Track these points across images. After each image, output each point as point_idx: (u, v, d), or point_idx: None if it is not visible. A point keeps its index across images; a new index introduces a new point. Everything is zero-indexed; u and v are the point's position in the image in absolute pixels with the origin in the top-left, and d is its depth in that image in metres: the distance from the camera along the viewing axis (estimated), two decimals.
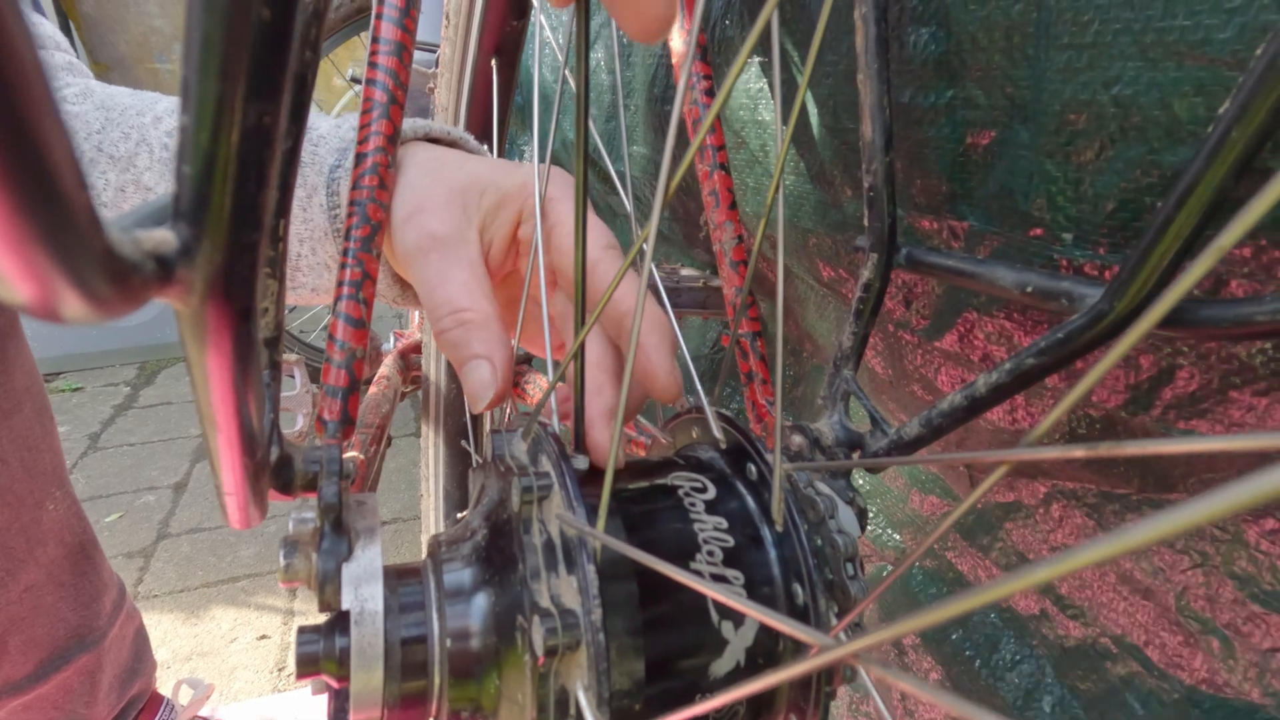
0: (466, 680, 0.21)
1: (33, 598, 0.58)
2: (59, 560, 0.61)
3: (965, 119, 0.32)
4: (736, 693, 0.12)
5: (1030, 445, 0.13)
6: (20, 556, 0.57)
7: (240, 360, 0.13)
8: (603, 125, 0.70)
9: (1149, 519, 0.07)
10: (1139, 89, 0.23)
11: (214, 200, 0.10)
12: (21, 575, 0.57)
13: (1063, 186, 0.27)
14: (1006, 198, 0.30)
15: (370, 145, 0.29)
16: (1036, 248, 0.30)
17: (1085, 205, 0.26)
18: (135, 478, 1.50)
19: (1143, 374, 0.29)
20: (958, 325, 0.37)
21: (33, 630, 0.58)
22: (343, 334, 0.27)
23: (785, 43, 0.40)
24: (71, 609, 0.62)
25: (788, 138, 0.20)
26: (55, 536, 0.60)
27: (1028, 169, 0.29)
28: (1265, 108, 0.17)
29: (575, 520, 0.19)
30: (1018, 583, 0.08)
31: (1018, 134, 0.29)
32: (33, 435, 0.57)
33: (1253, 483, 0.06)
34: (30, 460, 0.57)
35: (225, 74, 0.09)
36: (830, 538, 0.25)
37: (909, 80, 0.33)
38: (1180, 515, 0.06)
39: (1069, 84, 0.25)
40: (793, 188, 0.45)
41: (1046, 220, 0.29)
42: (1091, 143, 0.26)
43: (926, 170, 0.34)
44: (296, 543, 0.22)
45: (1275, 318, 0.18)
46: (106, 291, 0.09)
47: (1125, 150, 0.25)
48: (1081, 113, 0.26)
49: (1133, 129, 0.24)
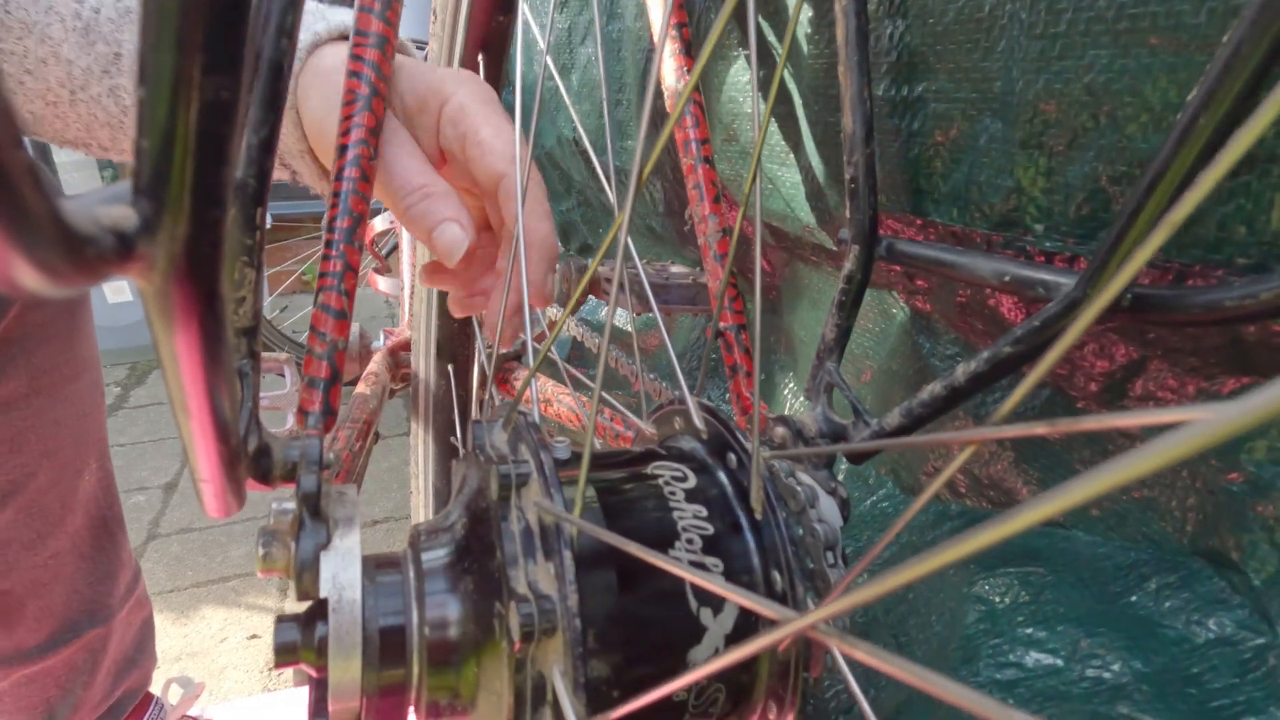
0: (445, 669, 0.21)
1: (56, 564, 0.59)
2: (83, 531, 0.62)
3: (936, 112, 0.32)
4: (703, 670, 0.12)
5: (994, 425, 0.14)
6: (54, 520, 0.58)
7: (209, 342, 0.13)
8: (597, 120, 0.70)
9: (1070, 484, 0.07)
10: (1111, 76, 0.24)
11: (173, 176, 0.10)
12: (51, 541, 0.58)
13: (1034, 178, 0.27)
14: (976, 190, 0.31)
15: (352, 137, 0.29)
16: (1008, 239, 0.30)
17: (1057, 196, 0.26)
18: (126, 478, 1.50)
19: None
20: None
21: (50, 599, 0.59)
22: (324, 326, 0.27)
23: (764, 26, 0.40)
24: (87, 583, 0.63)
25: (765, 125, 0.20)
26: (84, 507, 0.61)
27: (998, 161, 0.29)
28: (1232, 93, 0.17)
29: (552, 507, 0.19)
30: (971, 543, 0.09)
31: (988, 126, 0.29)
32: (86, 404, 0.59)
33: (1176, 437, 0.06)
34: (80, 429, 0.59)
35: (181, 46, 0.09)
36: (811, 526, 0.25)
37: (883, 74, 0.34)
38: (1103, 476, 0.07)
39: (1042, 74, 0.25)
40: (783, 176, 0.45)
41: (1019, 212, 0.29)
42: (1064, 132, 0.26)
43: (897, 164, 0.34)
44: (275, 532, 0.22)
45: (1242, 303, 0.18)
46: (61, 263, 0.09)
47: (1098, 139, 0.25)
48: (1053, 102, 0.26)
49: (1105, 117, 0.24)
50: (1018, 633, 0.32)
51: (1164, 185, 0.18)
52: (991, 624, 0.33)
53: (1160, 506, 0.30)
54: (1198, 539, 0.29)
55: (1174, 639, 0.29)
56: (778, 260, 0.62)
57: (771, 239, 0.57)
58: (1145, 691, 0.27)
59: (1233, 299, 0.19)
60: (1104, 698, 0.28)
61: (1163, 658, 0.28)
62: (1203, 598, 0.28)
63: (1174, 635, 0.29)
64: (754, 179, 0.21)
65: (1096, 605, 0.31)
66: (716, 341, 0.33)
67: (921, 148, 0.33)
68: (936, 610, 0.37)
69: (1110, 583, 0.32)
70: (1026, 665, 0.31)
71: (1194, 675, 0.27)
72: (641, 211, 0.71)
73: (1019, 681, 0.31)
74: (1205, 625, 0.28)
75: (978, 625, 0.34)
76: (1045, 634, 0.31)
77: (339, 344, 0.27)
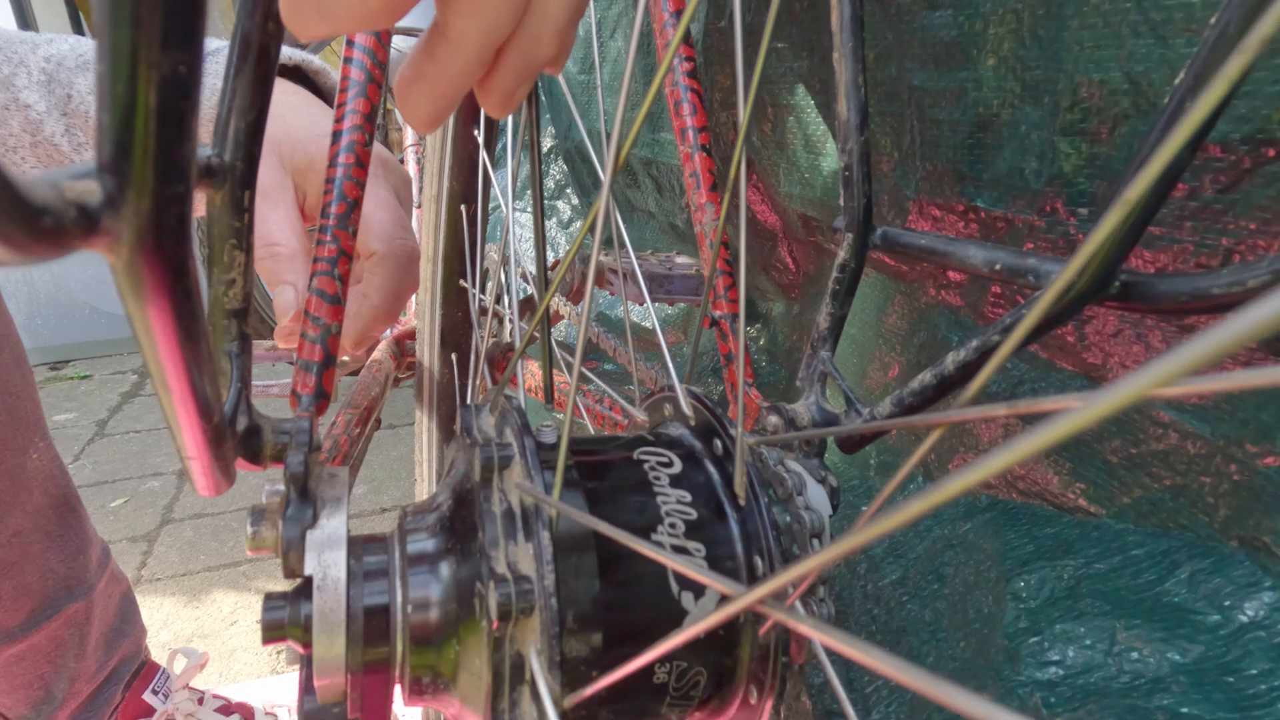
0: (427, 647, 0.21)
1: (21, 544, 0.60)
2: (45, 510, 0.62)
3: (978, 100, 0.32)
4: (667, 644, 0.13)
5: (960, 408, 0.13)
6: (7, 501, 0.58)
7: (181, 317, 0.13)
8: (629, 113, 0.70)
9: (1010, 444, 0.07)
10: (1151, 65, 0.23)
11: (135, 150, 0.10)
12: (9, 520, 0.59)
13: (1077, 164, 0.27)
14: (1018, 176, 0.30)
15: (347, 124, 0.29)
16: (1050, 224, 0.30)
17: (1101, 182, 0.26)
18: (141, 464, 1.52)
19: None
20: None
21: (23, 577, 0.60)
22: (317, 309, 0.27)
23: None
24: (59, 560, 0.64)
25: (749, 105, 0.20)
26: (40, 486, 0.62)
27: (1040, 148, 0.29)
28: (1220, 78, 0.17)
29: (533, 489, 0.20)
30: (919, 505, 0.09)
31: (1030, 114, 0.29)
32: (13, 381, 0.59)
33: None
34: (12, 405, 0.58)
35: (138, 21, 0.09)
36: (797, 514, 0.25)
37: (922, 62, 0.33)
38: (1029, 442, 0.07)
39: (1081, 62, 0.25)
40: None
41: (1062, 198, 0.29)
42: (1105, 120, 0.26)
43: (939, 152, 0.34)
44: (264, 511, 0.22)
45: (1229, 290, 0.18)
46: (17, 234, 0.09)
47: (1139, 125, 0.25)
48: (1095, 91, 0.26)
49: (1146, 104, 0.24)
50: (1056, 629, 0.32)
51: (1149, 169, 0.18)
52: (1030, 622, 0.33)
53: (1191, 493, 0.30)
54: (1230, 524, 0.28)
55: (1209, 626, 0.28)
56: (804, 255, 0.61)
57: (803, 230, 0.56)
58: (1183, 683, 0.27)
59: (1220, 286, 0.19)
60: (1142, 691, 0.28)
61: (1199, 646, 0.28)
62: (1236, 583, 0.28)
63: (1209, 623, 0.28)
64: (737, 164, 0.21)
65: (1131, 595, 0.31)
66: (698, 329, 0.33)
67: (964, 136, 0.32)
68: (974, 607, 0.37)
69: (1143, 571, 0.31)
70: (1066, 663, 0.31)
71: (1230, 663, 0.27)
72: (668, 208, 0.71)
73: (1060, 681, 0.31)
74: (1240, 610, 0.28)
75: (1016, 624, 0.33)
76: (1083, 629, 0.31)
77: (332, 328, 0.28)
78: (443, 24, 0.19)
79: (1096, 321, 0.33)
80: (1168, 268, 0.28)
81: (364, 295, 0.39)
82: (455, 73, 0.20)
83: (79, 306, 2.11)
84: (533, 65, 0.21)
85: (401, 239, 0.39)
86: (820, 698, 0.47)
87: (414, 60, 0.20)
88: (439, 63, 0.20)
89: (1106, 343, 0.33)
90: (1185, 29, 0.23)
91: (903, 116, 0.38)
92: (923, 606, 0.43)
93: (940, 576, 0.43)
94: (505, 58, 0.20)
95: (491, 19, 0.19)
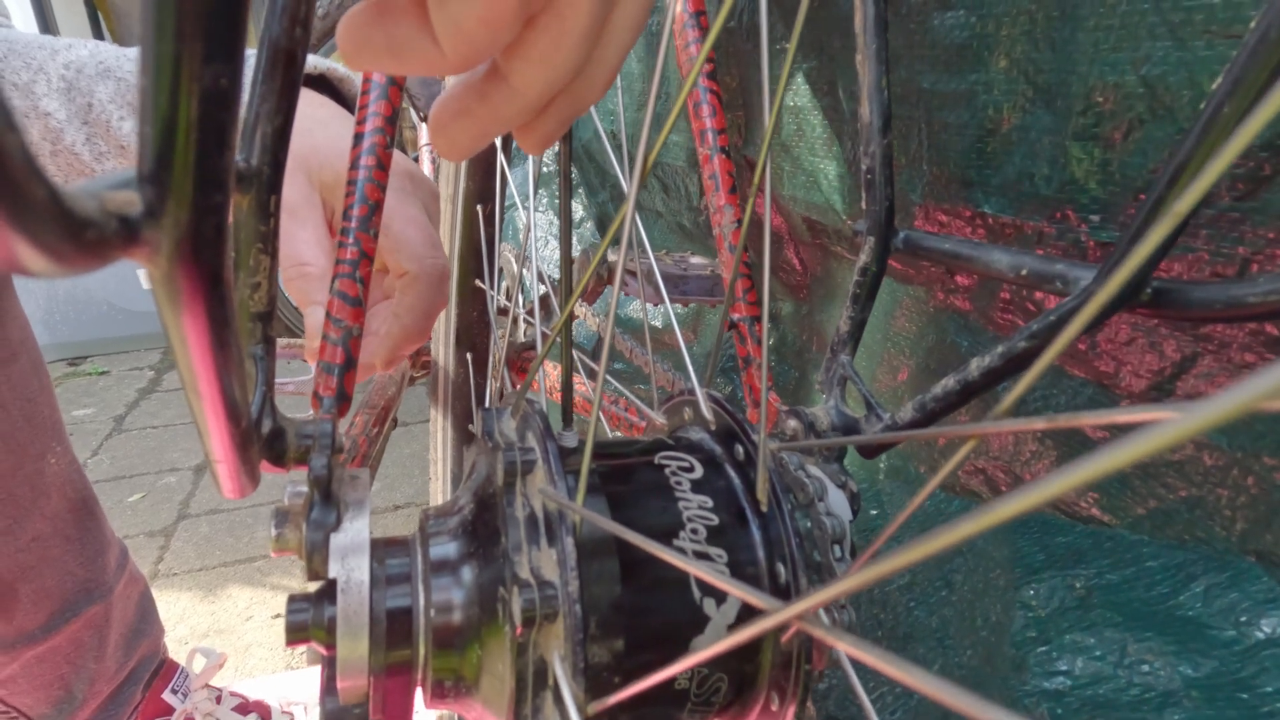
0: (450, 651, 0.21)
1: (40, 548, 0.60)
2: (63, 514, 0.63)
3: (989, 104, 0.31)
4: (695, 658, 0.13)
5: (995, 419, 0.13)
6: (26, 505, 0.59)
7: (216, 325, 0.13)
8: (634, 114, 0.70)
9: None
10: (1168, 68, 0.23)
11: (175, 162, 0.10)
12: (28, 524, 0.59)
13: (1089, 169, 0.27)
14: (1028, 182, 0.30)
15: (368, 126, 0.29)
16: (1061, 231, 0.29)
17: (1114, 188, 0.26)
18: (158, 459, 1.54)
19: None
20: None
21: (42, 581, 0.61)
22: (339, 311, 0.28)
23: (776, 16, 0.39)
24: (78, 563, 0.64)
25: (775, 114, 0.20)
26: (59, 490, 0.62)
27: (1051, 153, 0.28)
28: (1259, 82, 0.17)
29: (556, 494, 0.20)
30: (959, 532, 0.09)
31: (1041, 118, 0.29)
32: (30, 386, 0.59)
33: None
34: (30, 410, 0.59)
35: (181, 35, 0.09)
36: (819, 519, 0.25)
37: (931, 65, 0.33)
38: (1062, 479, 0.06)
39: (1095, 65, 0.25)
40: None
41: (1073, 204, 0.28)
42: (1119, 124, 0.25)
43: (948, 157, 0.34)
44: (288, 514, 0.22)
45: (1266, 299, 0.18)
46: (62, 245, 0.09)
47: (1154, 130, 0.24)
48: (1109, 95, 0.25)
49: (1162, 109, 0.23)
50: (1065, 639, 0.31)
51: (1186, 178, 0.18)
52: (1039, 631, 0.33)
53: (1208, 505, 0.29)
54: (1248, 538, 0.28)
55: (1224, 641, 0.28)
56: (811, 257, 0.61)
57: (808, 234, 0.56)
58: (1195, 698, 0.27)
59: (1256, 294, 0.18)
60: (1153, 705, 0.27)
61: (1212, 661, 0.27)
62: (1253, 598, 0.27)
63: (1224, 638, 0.28)
64: (763, 168, 0.21)
65: (1143, 607, 0.31)
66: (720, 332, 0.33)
67: (973, 140, 0.32)
68: (982, 615, 0.37)
69: (1157, 583, 0.31)
70: (1075, 673, 0.30)
71: (1245, 679, 0.26)
72: (674, 208, 0.71)
73: (1068, 691, 0.30)
74: (1256, 626, 0.27)
75: (1025, 633, 0.33)
76: (1093, 640, 0.31)
77: (354, 330, 0.28)
78: (506, 70, 0.19)
79: (1109, 328, 0.33)
80: (1182, 276, 0.28)
81: (395, 315, 0.38)
82: (508, 117, 0.19)
83: (97, 303, 2.14)
84: (580, 110, 0.21)
85: (433, 258, 0.39)
86: (824, 704, 0.47)
87: (460, 96, 0.19)
88: (492, 105, 0.19)
89: (1119, 350, 0.32)
90: (1204, 31, 0.22)
91: (911, 119, 0.38)
92: (930, 613, 0.42)
93: (949, 583, 0.42)
94: (556, 104, 0.20)
95: (561, 72, 0.18)
